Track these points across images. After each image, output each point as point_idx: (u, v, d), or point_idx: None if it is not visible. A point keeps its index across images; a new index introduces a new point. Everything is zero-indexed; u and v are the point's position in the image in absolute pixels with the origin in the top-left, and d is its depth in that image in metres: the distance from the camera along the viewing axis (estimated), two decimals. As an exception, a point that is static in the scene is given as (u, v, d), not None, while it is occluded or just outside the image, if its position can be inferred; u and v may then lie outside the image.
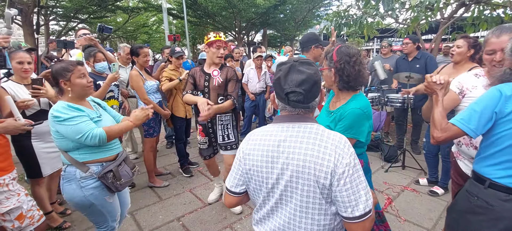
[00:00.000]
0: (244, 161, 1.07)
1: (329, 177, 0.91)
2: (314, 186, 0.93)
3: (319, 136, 0.96)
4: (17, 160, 3.35)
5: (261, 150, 1.02)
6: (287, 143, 0.98)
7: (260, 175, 1.03)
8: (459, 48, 2.51)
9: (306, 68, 0.98)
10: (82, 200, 1.62)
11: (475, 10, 4.17)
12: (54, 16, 11.53)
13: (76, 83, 1.60)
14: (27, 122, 1.76)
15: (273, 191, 1.01)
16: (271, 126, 1.06)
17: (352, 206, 0.91)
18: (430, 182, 3.16)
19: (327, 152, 0.92)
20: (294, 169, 0.95)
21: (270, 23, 16.41)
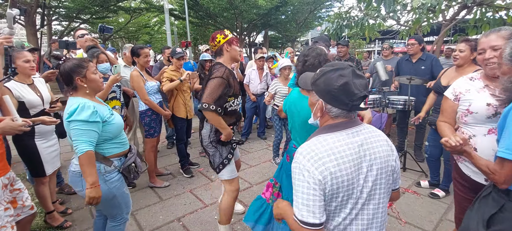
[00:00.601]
0: (330, 182, 0.95)
1: (395, 164, 1.10)
2: (391, 174, 1.08)
3: (379, 133, 1.10)
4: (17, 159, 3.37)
5: (348, 161, 0.97)
6: (365, 146, 1.03)
7: (350, 188, 0.98)
8: (462, 52, 2.52)
9: (361, 72, 1.05)
10: (107, 193, 1.67)
11: (477, 12, 4.16)
12: (57, 17, 11.60)
13: (92, 78, 1.65)
14: (24, 122, 1.76)
15: (359, 197, 1.01)
16: (336, 135, 1.01)
17: (399, 179, 1.16)
18: (431, 185, 3.15)
19: (389, 144, 1.10)
20: (378, 167, 1.04)
21: (271, 24, 16.46)
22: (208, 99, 1.95)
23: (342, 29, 5.05)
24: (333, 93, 0.99)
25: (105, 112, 1.69)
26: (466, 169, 1.64)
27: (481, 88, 1.55)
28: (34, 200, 2.97)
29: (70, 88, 1.65)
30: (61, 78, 1.68)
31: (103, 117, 1.64)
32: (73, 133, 1.54)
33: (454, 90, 1.68)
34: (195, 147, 4.65)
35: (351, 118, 1.06)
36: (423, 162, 3.80)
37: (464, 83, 1.65)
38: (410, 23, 4.83)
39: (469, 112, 1.57)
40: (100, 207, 1.80)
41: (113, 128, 1.70)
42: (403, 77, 3.49)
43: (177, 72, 3.52)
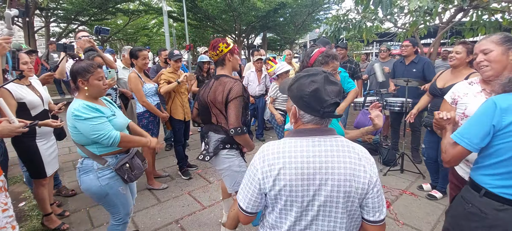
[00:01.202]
0: (270, 182, 0.98)
1: (366, 187, 0.97)
2: (354, 197, 0.97)
3: (351, 148, 1.00)
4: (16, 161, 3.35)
5: (294, 168, 0.96)
6: (323, 157, 0.97)
7: (293, 194, 0.97)
8: (458, 54, 2.56)
9: (335, 79, 1.01)
10: (99, 189, 1.73)
11: (474, 15, 4.20)
12: (55, 18, 11.58)
13: (94, 84, 1.72)
14: (22, 124, 1.76)
15: (308, 208, 0.98)
16: (297, 140, 1.01)
17: (380, 210, 1.00)
18: (433, 187, 3.14)
19: (362, 163, 0.98)
20: (335, 183, 0.95)
21: (270, 27, 16.50)
22: (237, 123, 1.90)
23: (340, 32, 5.08)
24: (305, 99, 0.98)
25: (107, 113, 1.74)
26: (461, 171, 1.65)
27: (478, 92, 1.57)
28: (31, 203, 2.96)
29: (74, 87, 1.75)
30: (70, 77, 1.77)
31: (106, 116, 1.72)
32: (93, 130, 1.63)
33: (452, 94, 1.71)
34: (193, 149, 4.65)
35: (321, 125, 1.02)
36: (421, 163, 3.82)
37: (463, 87, 1.67)
38: (407, 25, 4.86)
39: (464, 116, 1.60)
40: (99, 203, 1.85)
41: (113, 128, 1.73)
42: (400, 79, 3.52)
43: (174, 74, 3.53)
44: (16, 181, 3.53)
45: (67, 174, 3.81)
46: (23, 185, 3.35)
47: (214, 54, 2.04)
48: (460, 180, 1.65)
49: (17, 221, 2.64)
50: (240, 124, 1.91)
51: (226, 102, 1.93)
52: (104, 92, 1.82)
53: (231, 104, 1.91)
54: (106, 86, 1.79)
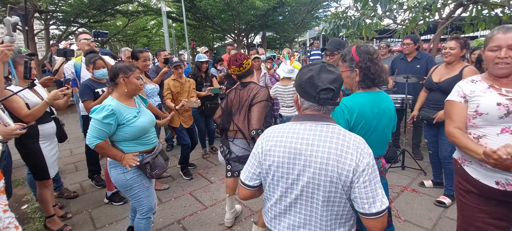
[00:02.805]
0: (263, 156, 1.10)
1: (350, 175, 0.98)
2: (337, 183, 0.99)
3: (342, 136, 1.03)
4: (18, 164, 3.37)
5: (283, 146, 1.06)
6: (311, 141, 1.03)
7: (280, 170, 1.07)
8: (452, 49, 2.61)
9: (334, 69, 1.08)
10: (124, 183, 1.89)
11: (473, 10, 4.18)
12: (54, 21, 11.58)
13: (133, 82, 1.88)
14: (18, 126, 1.77)
15: (293, 187, 1.06)
16: (293, 124, 1.10)
17: (369, 202, 0.98)
18: (435, 184, 3.12)
19: (350, 151, 0.99)
20: (317, 166, 1.00)
21: (269, 25, 16.46)
22: (258, 124, 2.02)
23: (339, 29, 5.07)
24: (302, 86, 1.08)
25: (128, 115, 1.85)
26: (474, 172, 1.48)
27: (486, 88, 1.44)
28: (33, 205, 2.98)
29: (112, 84, 1.89)
30: (110, 74, 1.90)
31: (122, 120, 1.81)
32: (90, 127, 1.78)
33: (459, 92, 1.55)
34: (195, 149, 4.65)
35: (320, 112, 1.08)
36: (422, 160, 3.81)
37: (466, 85, 1.53)
38: (407, 22, 4.85)
39: (478, 114, 1.44)
40: (126, 195, 2.00)
41: (131, 130, 1.84)
42: (400, 76, 3.51)
43: (177, 81, 3.58)
44: (18, 183, 3.55)
45: (69, 176, 3.82)
46: (26, 187, 3.36)
47: (238, 70, 2.16)
48: (472, 183, 1.49)
49: (20, 223, 2.65)
50: (262, 126, 2.02)
51: (250, 105, 2.05)
52: (139, 91, 1.97)
53: (255, 107, 2.03)
54: (142, 86, 1.95)
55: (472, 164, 1.50)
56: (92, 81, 2.78)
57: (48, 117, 2.45)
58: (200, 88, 3.94)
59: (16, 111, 2.14)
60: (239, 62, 2.12)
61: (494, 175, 1.40)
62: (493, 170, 1.39)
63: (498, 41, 1.34)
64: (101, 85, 2.81)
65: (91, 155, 3.41)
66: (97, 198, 3.14)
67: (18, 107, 2.13)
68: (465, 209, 1.56)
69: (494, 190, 1.39)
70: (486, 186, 1.42)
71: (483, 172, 1.43)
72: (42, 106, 2.22)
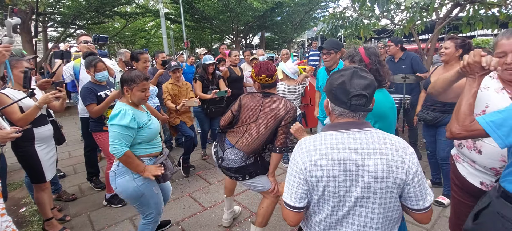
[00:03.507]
0: (309, 172, 1.03)
1: (404, 177, 0.99)
2: (392, 187, 0.99)
3: (388, 140, 1.02)
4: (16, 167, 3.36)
5: (331, 159, 1.01)
6: (359, 150, 1.01)
7: (330, 184, 1.01)
8: (446, 49, 2.63)
9: (367, 75, 1.06)
10: (135, 190, 1.85)
11: (470, 10, 4.20)
12: (52, 23, 11.55)
13: (136, 95, 1.89)
14: (13, 130, 1.76)
15: (346, 199, 1.02)
16: (333, 133, 1.06)
17: (423, 198, 1.02)
18: (434, 183, 3.12)
19: (400, 154, 1.00)
20: (372, 175, 0.99)
21: (267, 26, 16.50)
22: (284, 143, 2.00)
23: (338, 30, 5.07)
24: (333, 92, 1.06)
25: (143, 118, 1.91)
26: (463, 169, 1.54)
27: (500, 88, 1.39)
28: (31, 208, 2.97)
29: (121, 92, 1.95)
30: (120, 82, 1.94)
31: (140, 123, 1.86)
32: (112, 135, 1.76)
33: None
34: (194, 150, 4.64)
35: (354, 119, 1.06)
36: (420, 160, 3.82)
37: (484, 79, 1.45)
38: (404, 22, 4.86)
39: (484, 114, 1.39)
40: (132, 205, 1.97)
41: (148, 133, 1.91)
42: (398, 76, 3.53)
43: (175, 85, 3.60)
44: (16, 186, 3.53)
45: (68, 178, 3.81)
46: (24, 190, 3.35)
47: (267, 79, 2.05)
48: (460, 180, 1.55)
49: (18, 226, 2.65)
50: (286, 145, 2.01)
51: (279, 123, 1.98)
52: (144, 102, 2.00)
53: (286, 127, 1.97)
54: (147, 97, 1.96)
55: (463, 162, 1.54)
56: (93, 84, 2.76)
57: (44, 120, 2.43)
58: (206, 91, 3.92)
59: (9, 115, 2.14)
60: (270, 73, 2.03)
61: (480, 176, 1.44)
62: (480, 171, 1.42)
63: (503, 47, 1.31)
64: (103, 88, 2.79)
65: (90, 157, 3.40)
66: (96, 200, 3.13)
67: (11, 111, 2.12)
68: (456, 204, 1.63)
69: (478, 189, 1.44)
70: (471, 185, 1.48)
71: (470, 171, 1.48)
72: (33, 110, 2.21)
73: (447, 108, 2.64)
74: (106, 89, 2.82)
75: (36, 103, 2.21)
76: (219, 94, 3.82)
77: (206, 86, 3.94)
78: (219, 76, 4.16)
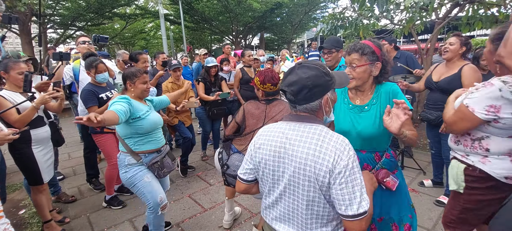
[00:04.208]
0: (254, 153, 1.16)
1: (327, 176, 0.97)
2: (314, 183, 1.00)
3: (322, 137, 1.02)
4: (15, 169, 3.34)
5: (270, 145, 1.10)
6: (292, 141, 1.05)
7: (267, 167, 1.11)
8: (452, 45, 2.57)
9: (301, 72, 1.05)
10: (127, 181, 2.04)
11: (470, 10, 4.20)
12: (52, 24, 11.55)
13: (139, 87, 2.06)
14: (10, 131, 1.75)
15: (278, 182, 1.10)
16: (282, 123, 1.14)
17: (346, 204, 0.97)
18: (435, 184, 3.12)
19: (327, 152, 0.98)
20: (296, 166, 1.02)
21: (267, 27, 16.52)
22: None
23: (337, 30, 5.08)
24: None
25: (142, 109, 2.02)
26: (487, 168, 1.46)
27: None
28: (31, 210, 2.95)
29: (123, 88, 2.11)
30: (122, 79, 2.09)
31: (136, 113, 1.96)
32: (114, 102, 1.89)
33: None
34: (194, 151, 4.64)
35: (300, 112, 1.09)
36: (410, 158, 3.77)
37: None
38: (404, 22, 4.87)
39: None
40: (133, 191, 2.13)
41: (145, 123, 2.00)
42: (398, 76, 3.53)
43: (175, 84, 3.60)
44: (15, 188, 3.52)
45: (67, 180, 3.79)
46: (23, 192, 3.34)
47: (273, 86, 2.11)
48: (485, 179, 1.47)
49: (18, 229, 2.64)
50: None
51: None
52: (146, 94, 2.13)
53: None
54: (148, 90, 2.11)
55: (488, 160, 1.51)
56: (93, 85, 2.75)
57: (41, 122, 2.42)
58: (209, 93, 3.91)
59: (5, 117, 2.13)
60: (275, 81, 2.11)
61: None
62: None
63: None
64: (104, 90, 2.79)
65: (89, 158, 3.39)
66: (95, 202, 3.12)
67: (8, 112, 2.11)
68: (476, 202, 1.57)
69: (503, 184, 1.42)
70: None
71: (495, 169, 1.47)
72: (30, 111, 2.20)
73: None
74: (107, 91, 2.81)
75: (33, 104, 2.19)
76: (222, 96, 3.82)
77: (208, 88, 3.94)
78: (222, 78, 4.16)
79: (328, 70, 1.09)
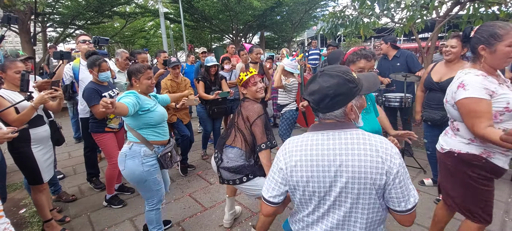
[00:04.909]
0: (290, 173, 1.08)
1: (384, 177, 0.97)
2: (371, 188, 0.99)
3: (368, 140, 1.00)
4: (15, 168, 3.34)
5: (310, 160, 1.03)
6: (338, 151, 1.01)
7: (310, 185, 1.04)
8: (454, 48, 2.59)
9: (323, 80, 1.03)
10: (141, 175, 2.02)
11: (470, 8, 4.19)
12: (51, 23, 11.53)
13: (144, 83, 2.10)
14: (9, 130, 1.75)
15: (325, 198, 1.05)
16: (314, 134, 1.08)
17: (405, 200, 1.00)
18: (435, 182, 3.11)
19: (380, 155, 0.98)
20: (349, 175, 0.99)
21: (267, 25, 16.48)
22: (262, 139, 2.00)
23: (337, 29, 5.06)
24: None
25: (149, 102, 2.10)
26: (500, 162, 1.59)
27: (506, 85, 1.49)
28: (31, 209, 2.95)
29: (129, 85, 2.15)
30: (127, 76, 2.12)
31: (145, 106, 2.03)
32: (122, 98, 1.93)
33: (487, 90, 1.51)
34: (194, 150, 4.64)
35: (333, 120, 1.06)
36: (410, 157, 3.77)
37: (489, 83, 1.52)
38: (405, 20, 4.85)
39: (507, 111, 1.48)
40: (137, 187, 2.14)
41: (155, 115, 2.08)
42: (399, 75, 3.52)
43: (174, 81, 3.61)
44: (16, 188, 3.52)
45: (68, 179, 3.80)
46: (24, 191, 3.34)
47: (244, 75, 2.19)
48: (496, 171, 1.61)
49: (18, 228, 2.65)
50: (266, 139, 2.02)
51: (250, 126, 2.08)
52: (151, 90, 2.17)
53: (253, 127, 2.05)
54: (152, 85, 2.15)
55: (495, 155, 1.60)
56: (96, 84, 2.75)
57: (40, 121, 2.41)
58: (209, 92, 3.90)
59: (4, 117, 2.12)
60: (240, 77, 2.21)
61: None
62: None
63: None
64: (106, 89, 2.79)
65: (90, 157, 3.39)
66: (96, 201, 3.12)
67: (7, 112, 2.10)
68: (487, 196, 1.66)
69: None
70: (504, 171, 1.62)
71: (504, 159, 1.60)
72: (29, 110, 2.19)
73: None
74: (109, 90, 2.81)
75: (32, 104, 2.18)
76: (222, 95, 3.82)
77: (208, 87, 3.94)
78: (222, 77, 4.15)
79: (352, 76, 1.04)
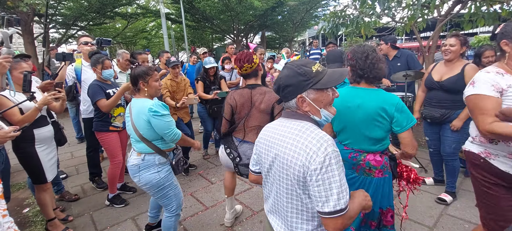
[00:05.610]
0: (256, 146, 1.26)
1: (302, 171, 0.99)
2: (292, 178, 1.04)
3: (302, 133, 1.04)
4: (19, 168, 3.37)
5: (264, 139, 1.19)
6: (279, 135, 1.11)
7: (262, 159, 1.20)
8: (452, 46, 2.59)
9: (282, 72, 1.13)
10: (159, 182, 1.95)
11: (472, 7, 4.17)
12: (54, 24, 11.59)
13: (152, 85, 1.94)
14: (11, 129, 1.77)
15: (268, 175, 1.18)
16: (279, 120, 1.20)
17: (322, 201, 0.97)
18: (436, 181, 3.12)
19: (302, 148, 1.00)
20: (280, 160, 1.08)
21: (268, 25, 16.45)
22: None
23: (338, 28, 5.06)
24: None
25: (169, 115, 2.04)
26: (503, 165, 1.50)
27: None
28: (34, 209, 2.98)
29: (135, 89, 1.96)
30: (131, 80, 1.95)
31: None
32: (167, 126, 1.87)
33: (495, 86, 1.48)
34: (195, 150, 4.66)
35: (295, 110, 1.12)
36: None
37: (501, 79, 1.48)
38: (406, 19, 4.84)
39: None
40: (155, 196, 2.06)
41: (173, 125, 2.01)
42: (400, 74, 3.52)
43: (174, 81, 3.64)
44: (19, 187, 3.55)
45: (70, 178, 3.82)
46: (27, 191, 3.37)
47: (249, 66, 2.14)
48: (501, 177, 1.52)
49: (22, 227, 2.67)
50: None
51: (272, 112, 2.12)
52: (159, 93, 2.04)
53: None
54: (160, 87, 2.02)
55: (498, 157, 1.52)
56: (100, 82, 2.80)
57: (44, 121, 2.44)
58: (208, 92, 3.93)
59: (9, 117, 2.15)
60: (251, 60, 2.14)
61: None
62: None
63: None
64: (110, 87, 2.83)
65: (92, 157, 3.41)
66: (98, 201, 3.15)
67: (11, 113, 2.13)
68: (492, 201, 1.58)
69: None
70: (510, 175, 1.49)
71: (509, 164, 1.47)
72: (33, 111, 2.21)
73: (454, 104, 2.64)
74: (113, 88, 2.86)
75: (36, 105, 2.21)
76: (221, 95, 3.83)
77: (208, 87, 3.96)
78: (221, 77, 4.18)
79: (306, 69, 1.04)
